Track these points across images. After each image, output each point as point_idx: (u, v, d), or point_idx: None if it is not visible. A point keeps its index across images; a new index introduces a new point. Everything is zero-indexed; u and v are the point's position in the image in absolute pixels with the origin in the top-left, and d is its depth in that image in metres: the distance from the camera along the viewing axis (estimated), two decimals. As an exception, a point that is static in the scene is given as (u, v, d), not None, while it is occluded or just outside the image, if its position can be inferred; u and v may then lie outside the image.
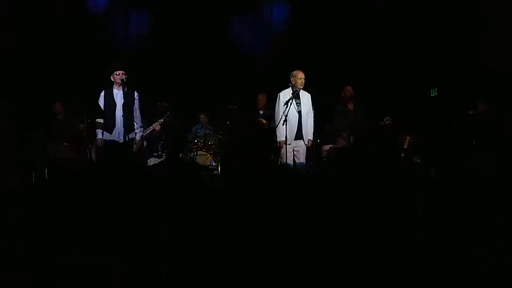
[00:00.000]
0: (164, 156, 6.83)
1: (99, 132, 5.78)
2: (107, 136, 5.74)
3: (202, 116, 8.06)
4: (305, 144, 6.08)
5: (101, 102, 5.80)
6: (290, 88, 6.09)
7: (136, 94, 5.84)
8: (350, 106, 6.89)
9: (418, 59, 7.40)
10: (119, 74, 5.71)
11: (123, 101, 5.70)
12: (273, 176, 2.41)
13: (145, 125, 6.92)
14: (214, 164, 7.02)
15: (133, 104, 5.77)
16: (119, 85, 5.72)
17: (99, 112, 5.72)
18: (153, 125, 6.72)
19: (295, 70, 6.17)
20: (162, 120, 6.69)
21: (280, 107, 6.03)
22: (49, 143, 6.44)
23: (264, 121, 6.86)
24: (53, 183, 5.44)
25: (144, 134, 6.72)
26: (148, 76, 7.73)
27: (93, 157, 5.91)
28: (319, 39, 8.14)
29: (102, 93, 5.81)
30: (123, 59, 6.84)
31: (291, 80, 6.08)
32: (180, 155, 7.11)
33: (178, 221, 2.90)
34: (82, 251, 2.51)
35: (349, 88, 6.95)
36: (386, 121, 6.42)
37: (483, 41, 6.78)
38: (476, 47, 6.88)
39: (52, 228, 2.96)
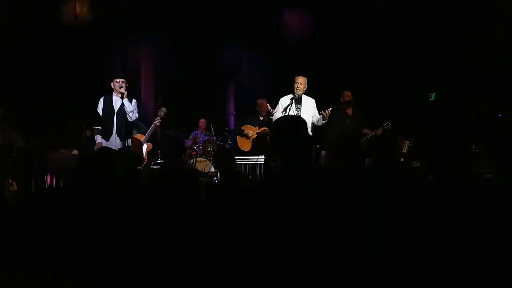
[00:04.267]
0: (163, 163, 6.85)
1: (98, 137, 5.80)
2: (104, 143, 5.75)
3: (201, 122, 8.09)
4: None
5: (100, 108, 5.83)
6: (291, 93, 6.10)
7: (134, 101, 5.85)
8: (349, 111, 6.88)
9: (417, 62, 7.41)
10: (119, 81, 5.75)
11: (121, 109, 5.70)
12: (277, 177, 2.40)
13: (143, 129, 6.95)
14: (213, 170, 7.02)
15: (132, 112, 5.79)
16: (118, 92, 5.75)
17: (97, 119, 5.74)
18: (152, 124, 6.75)
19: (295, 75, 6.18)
20: (159, 117, 6.73)
21: (278, 113, 6.04)
22: (50, 150, 6.45)
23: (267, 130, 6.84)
24: (54, 191, 5.44)
25: (148, 136, 6.77)
26: (148, 83, 7.76)
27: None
28: (318, 41, 8.18)
29: (101, 100, 5.84)
30: (123, 67, 6.87)
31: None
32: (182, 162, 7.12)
33: (177, 228, 2.91)
34: (80, 258, 2.51)
35: (348, 93, 6.94)
36: (386, 126, 6.42)
37: (483, 42, 6.77)
38: (475, 49, 6.87)
39: (50, 235, 2.97)
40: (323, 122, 6.03)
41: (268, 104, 6.34)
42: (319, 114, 5.99)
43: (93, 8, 8.00)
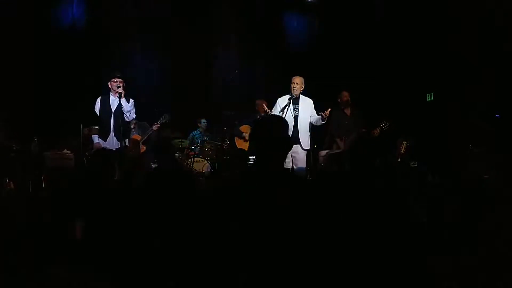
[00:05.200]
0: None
1: (95, 137, 5.79)
2: (102, 143, 5.73)
3: (202, 122, 8.08)
4: (303, 149, 6.04)
5: (97, 108, 5.80)
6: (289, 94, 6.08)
7: (131, 101, 5.83)
8: (347, 112, 6.87)
9: (414, 63, 7.40)
10: (116, 81, 5.72)
11: (119, 109, 5.68)
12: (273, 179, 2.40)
13: (143, 130, 6.96)
14: (211, 170, 7.01)
15: (129, 111, 5.77)
16: (116, 92, 5.72)
17: (95, 119, 5.72)
18: (151, 128, 6.81)
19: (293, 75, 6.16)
20: (159, 122, 6.76)
21: (276, 112, 6.03)
22: (46, 151, 6.42)
23: None
24: (50, 191, 5.42)
25: (144, 138, 6.81)
26: (146, 83, 7.74)
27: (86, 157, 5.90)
28: (317, 44, 8.18)
29: (99, 100, 5.81)
30: (121, 67, 6.84)
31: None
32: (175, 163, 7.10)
33: (174, 229, 2.89)
34: (76, 260, 2.50)
35: (346, 93, 6.94)
36: (383, 126, 6.41)
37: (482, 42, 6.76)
38: (474, 49, 6.87)
39: (48, 237, 2.95)
40: (322, 122, 6.02)
41: (265, 105, 6.31)
42: (318, 114, 5.97)
43: (91, 8, 7.98)
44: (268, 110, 6.09)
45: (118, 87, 5.65)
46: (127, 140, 5.88)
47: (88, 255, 2.68)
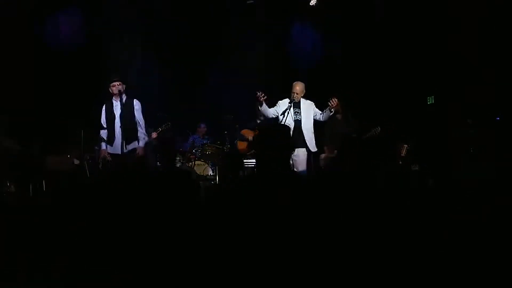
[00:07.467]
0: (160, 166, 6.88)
1: (103, 144, 5.78)
2: (109, 148, 5.72)
3: (202, 126, 8.10)
4: (310, 152, 6.01)
5: (103, 115, 5.79)
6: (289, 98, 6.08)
7: (136, 102, 5.81)
8: (339, 117, 6.83)
9: (415, 66, 7.40)
10: (115, 85, 5.72)
11: (122, 112, 5.68)
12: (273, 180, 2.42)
13: (148, 133, 6.96)
14: (212, 174, 7.02)
15: (133, 113, 5.76)
16: (117, 96, 5.72)
17: (100, 126, 5.72)
18: (150, 134, 6.83)
19: (294, 81, 6.16)
20: (160, 129, 6.78)
21: (274, 112, 6.03)
22: (48, 154, 6.44)
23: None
24: (51, 195, 5.43)
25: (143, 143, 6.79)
26: (147, 86, 7.75)
27: (100, 167, 5.87)
28: (318, 47, 8.20)
29: (104, 107, 5.80)
30: (121, 70, 6.85)
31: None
32: (177, 164, 7.14)
33: (176, 230, 2.89)
34: (79, 262, 2.50)
35: (335, 99, 6.89)
36: (374, 131, 6.38)
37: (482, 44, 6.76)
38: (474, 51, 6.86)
39: (50, 239, 2.95)
40: (331, 113, 5.96)
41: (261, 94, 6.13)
42: (328, 103, 5.86)
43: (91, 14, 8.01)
44: (261, 96, 5.95)
45: (119, 90, 5.65)
46: (135, 142, 5.81)
47: (89, 257, 2.68)
